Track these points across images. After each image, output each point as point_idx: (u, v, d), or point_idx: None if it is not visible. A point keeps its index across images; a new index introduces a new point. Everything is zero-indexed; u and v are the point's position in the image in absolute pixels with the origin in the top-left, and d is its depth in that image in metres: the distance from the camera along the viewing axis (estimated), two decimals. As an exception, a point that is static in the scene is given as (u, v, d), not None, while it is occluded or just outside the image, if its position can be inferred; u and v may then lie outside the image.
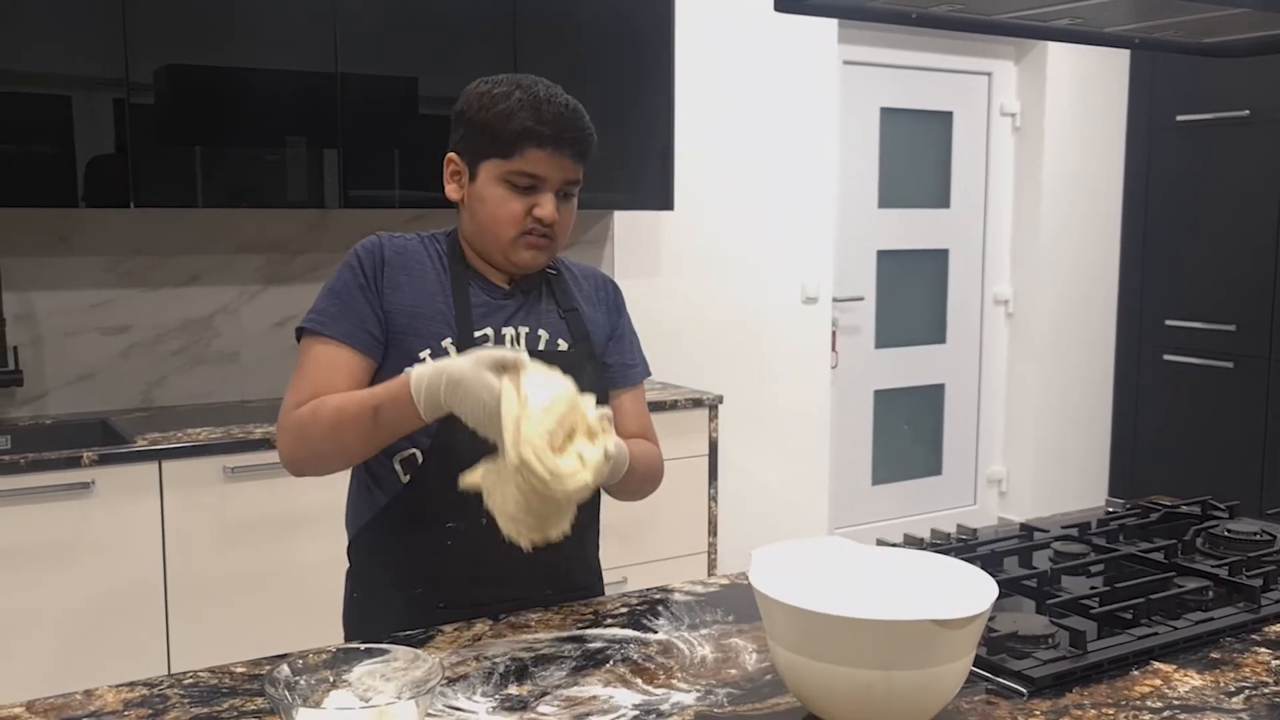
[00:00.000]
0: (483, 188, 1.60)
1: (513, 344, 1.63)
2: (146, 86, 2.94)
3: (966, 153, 5.04)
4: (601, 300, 1.76)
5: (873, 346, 4.88)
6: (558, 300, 1.70)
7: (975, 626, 1.19)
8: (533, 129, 1.55)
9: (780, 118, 4.34)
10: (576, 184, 1.62)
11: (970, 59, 4.96)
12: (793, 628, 1.21)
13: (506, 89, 1.58)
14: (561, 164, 1.58)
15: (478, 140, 1.59)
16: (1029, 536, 1.87)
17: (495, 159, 1.57)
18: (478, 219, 1.62)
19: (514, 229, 1.59)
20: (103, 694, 1.29)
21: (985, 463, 5.30)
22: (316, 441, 1.53)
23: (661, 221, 4.04)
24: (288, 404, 1.57)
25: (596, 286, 1.78)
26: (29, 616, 2.66)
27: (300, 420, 1.53)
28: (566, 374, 1.44)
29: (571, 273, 1.76)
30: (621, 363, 1.76)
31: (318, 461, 1.57)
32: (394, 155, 3.30)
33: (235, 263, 3.43)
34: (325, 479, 2.86)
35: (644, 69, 3.66)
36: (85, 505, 2.71)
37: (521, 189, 1.58)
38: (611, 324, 1.76)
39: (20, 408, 3.16)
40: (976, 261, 5.14)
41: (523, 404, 1.33)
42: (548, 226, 1.59)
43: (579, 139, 1.58)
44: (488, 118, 1.57)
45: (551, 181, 1.58)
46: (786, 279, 4.41)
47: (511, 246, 1.60)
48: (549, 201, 1.58)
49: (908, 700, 1.18)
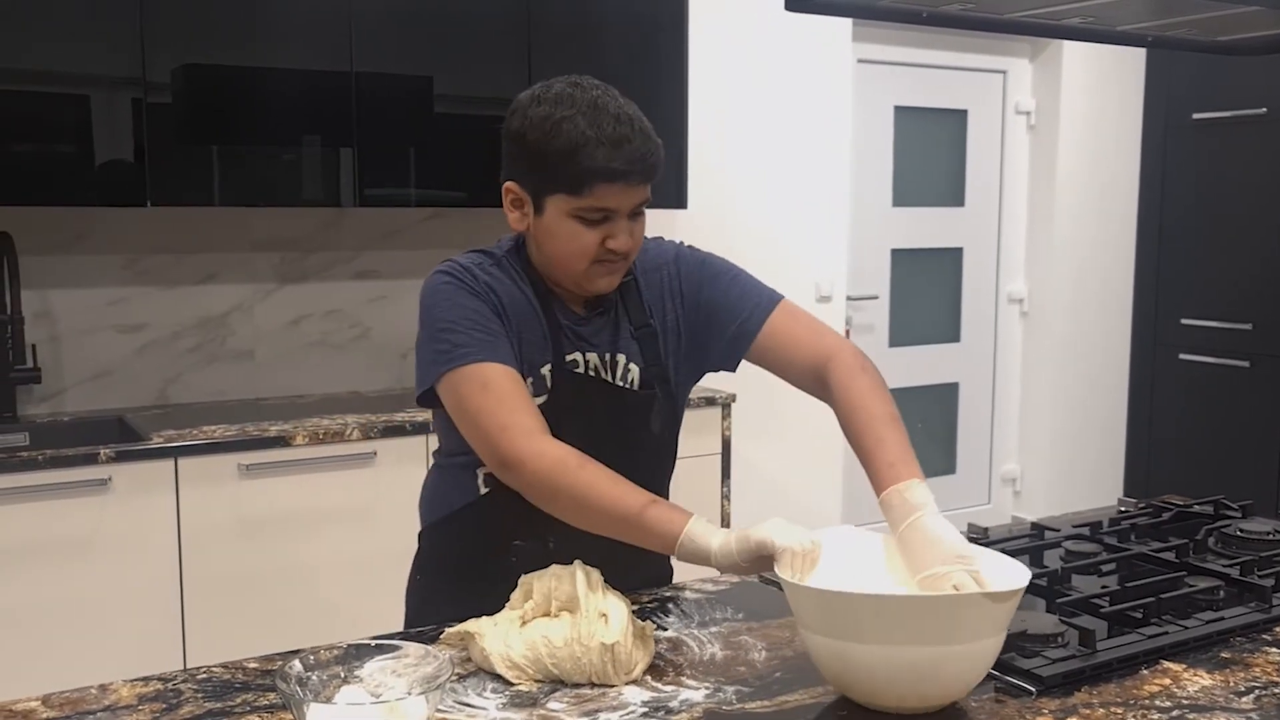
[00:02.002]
0: (552, 223, 1.53)
1: (596, 371, 1.62)
2: (163, 86, 2.96)
3: (981, 151, 5.03)
4: (672, 295, 1.69)
5: (887, 345, 4.87)
6: (631, 317, 1.66)
7: (1016, 601, 1.25)
8: (604, 167, 1.46)
9: (794, 116, 4.33)
10: (645, 201, 1.55)
11: (985, 57, 4.95)
12: (837, 614, 1.24)
13: (567, 111, 1.48)
14: (632, 192, 1.51)
15: (542, 173, 1.51)
16: (1040, 535, 1.87)
17: (563, 195, 1.50)
18: (547, 252, 1.57)
19: (587, 261, 1.54)
20: (117, 688, 1.30)
21: (999, 462, 5.29)
22: (564, 502, 1.48)
23: (675, 220, 4.04)
24: (516, 426, 1.49)
25: (669, 278, 1.69)
26: (46, 612, 2.68)
27: (555, 477, 1.47)
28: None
29: (645, 275, 1.68)
30: (746, 310, 1.66)
31: (557, 513, 1.51)
32: (409, 154, 3.31)
33: (250, 261, 3.45)
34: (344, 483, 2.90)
35: (657, 67, 3.66)
36: (102, 502, 2.73)
37: (594, 221, 1.51)
38: (695, 305, 1.68)
39: (38, 405, 3.18)
40: (991, 260, 5.13)
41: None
42: (623, 253, 1.55)
43: (649, 165, 1.50)
44: (551, 151, 1.48)
45: (623, 210, 1.52)
46: (800, 277, 4.41)
47: (585, 276, 1.56)
48: (622, 231, 1.53)
49: (956, 675, 1.25)
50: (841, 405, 1.58)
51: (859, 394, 1.57)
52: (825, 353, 1.63)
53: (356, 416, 3.09)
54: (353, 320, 3.61)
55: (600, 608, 1.36)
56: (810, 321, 1.70)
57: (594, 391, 1.62)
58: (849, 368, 1.61)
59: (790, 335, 1.66)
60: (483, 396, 1.51)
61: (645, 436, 1.66)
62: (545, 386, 1.59)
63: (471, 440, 1.55)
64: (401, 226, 3.62)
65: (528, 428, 1.50)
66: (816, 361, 1.63)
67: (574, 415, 1.59)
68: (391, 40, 3.23)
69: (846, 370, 1.60)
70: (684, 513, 1.43)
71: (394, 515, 2.72)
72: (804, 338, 1.66)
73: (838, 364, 1.61)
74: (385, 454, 3.03)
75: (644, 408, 1.65)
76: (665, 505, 1.45)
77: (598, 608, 1.36)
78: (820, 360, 1.63)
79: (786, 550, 1.33)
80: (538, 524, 1.52)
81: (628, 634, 1.34)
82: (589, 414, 1.60)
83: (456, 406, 1.55)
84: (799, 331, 1.67)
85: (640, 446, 1.66)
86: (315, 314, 3.57)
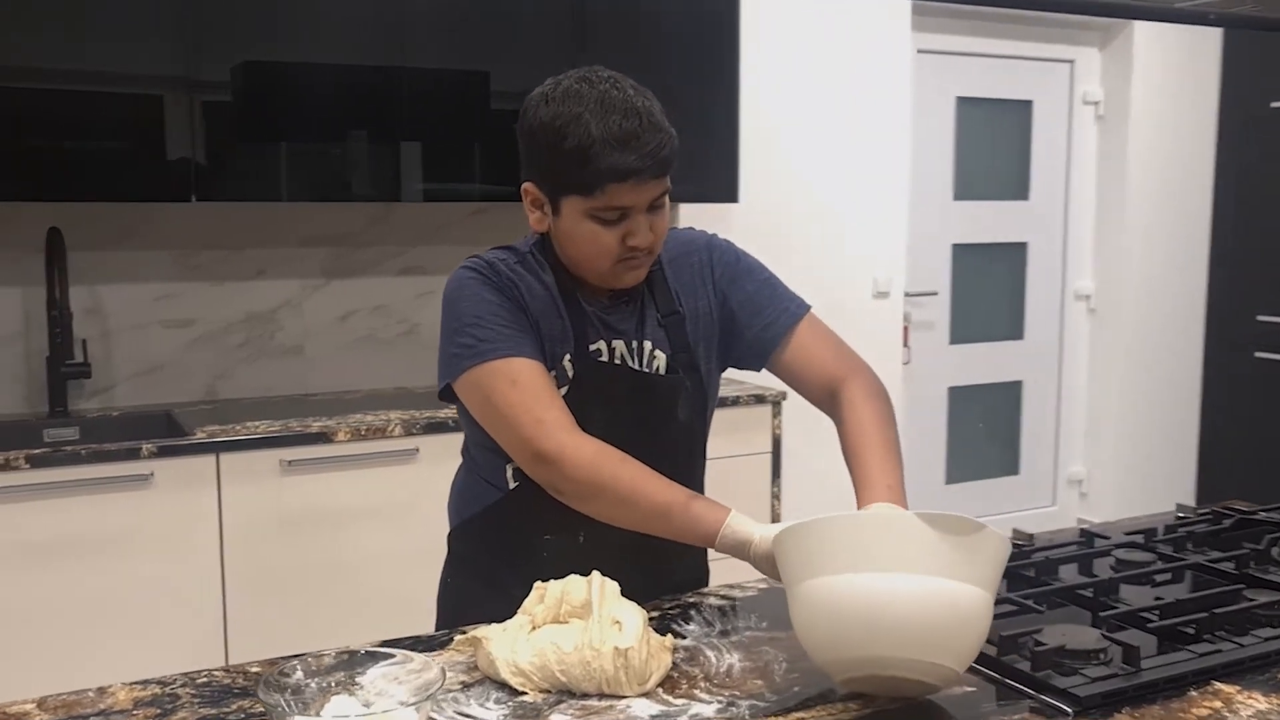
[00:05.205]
0: (569, 224, 1.51)
1: (623, 359, 1.59)
2: (215, 83, 2.96)
3: (1047, 143, 4.88)
4: (704, 280, 1.66)
5: (947, 342, 4.75)
6: (658, 305, 1.63)
7: (972, 545, 1.22)
8: (612, 167, 1.43)
9: (851, 108, 4.24)
10: (665, 193, 1.51)
11: (1051, 46, 4.80)
12: (781, 554, 1.27)
13: (574, 109, 1.44)
14: (647, 188, 1.47)
15: (554, 176, 1.49)
16: (1089, 543, 1.78)
17: (577, 196, 1.47)
18: (570, 253, 1.55)
19: (610, 260, 1.51)
20: (115, 691, 1.27)
21: (1065, 463, 5.13)
22: (607, 498, 1.46)
23: (728, 214, 3.96)
24: (552, 421, 1.47)
25: (700, 264, 1.66)
26: (89, 607, 2.69)
27: (597, 471, 1.45)
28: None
29: (671, 263, 1.65)
30: (771, 315, 1.64)
31: (594, 509, 1.49)
32: (459, 149, 3.29)
33: (299, 256, 3.45)
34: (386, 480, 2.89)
35: (709, 58, 3.59)
36: (144, 497, 2.74)
37: (611, 221, 1.48)
38: (724, 296, 1.65)
39: (89, 399, 3.21)
40: (1057, 255, 4.98)
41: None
42: (645, 249, 1.52)
43: (661, 159, 1.46)
44: (561, 154, 1.45)
45: (640, 206, 1.48)
46: (857, 273, 4.32)
47: (611, 274, 1.54)
48: (641, 227, 1.49)
49: (906, 621, 1.18)
50: (846, 425, 1.59)
51: (866, 417, 1.57)
52: (843, 372, 1.63)
53: (400, 413, 3.07)
54: (400, 316, 3.59)
55: (614, 614, 1.31)
56: (834, 339, 1.68)
57: (617, 379, 1.59)
58: (864, 391, 1.61)
59: (811, 348, 1.65)
60: (513, 392, 1.49)
61: (672, 425, 1.63)
62: (567, 377, 1.57)
63: (500, 436, 1.53)
64: (449, 222, 3.59)
65: (563, 423, 1.48)
66: (833, 379, 1.63)
67: (598, 405, 1.56)
68: (442, 35, 3.20)
69: (861, 393, 1.60)
70: (724, 507, 1.44)
71: (436, 512, 2.65)
72: (825, 353, 1.65)
73: (852, 385, 1.61)
74: (428, 450, 3.00)
75: (670, 394, 1.61)
76: (706, 499, 1.48)
77: (611, 614, 1.31)
78: (838, 379, 1.62)
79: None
80: (569, 518, 1.50)
81: (643, 641, 1.29)
82: (613, 403, 1.58)
83: (483, 402, 1.52)
84: (821, 346, 1.66)
85: (667, 435, 1.62)
86: (363, 310, 3.56)
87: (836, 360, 1.65)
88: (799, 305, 1.67)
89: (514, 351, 1.50)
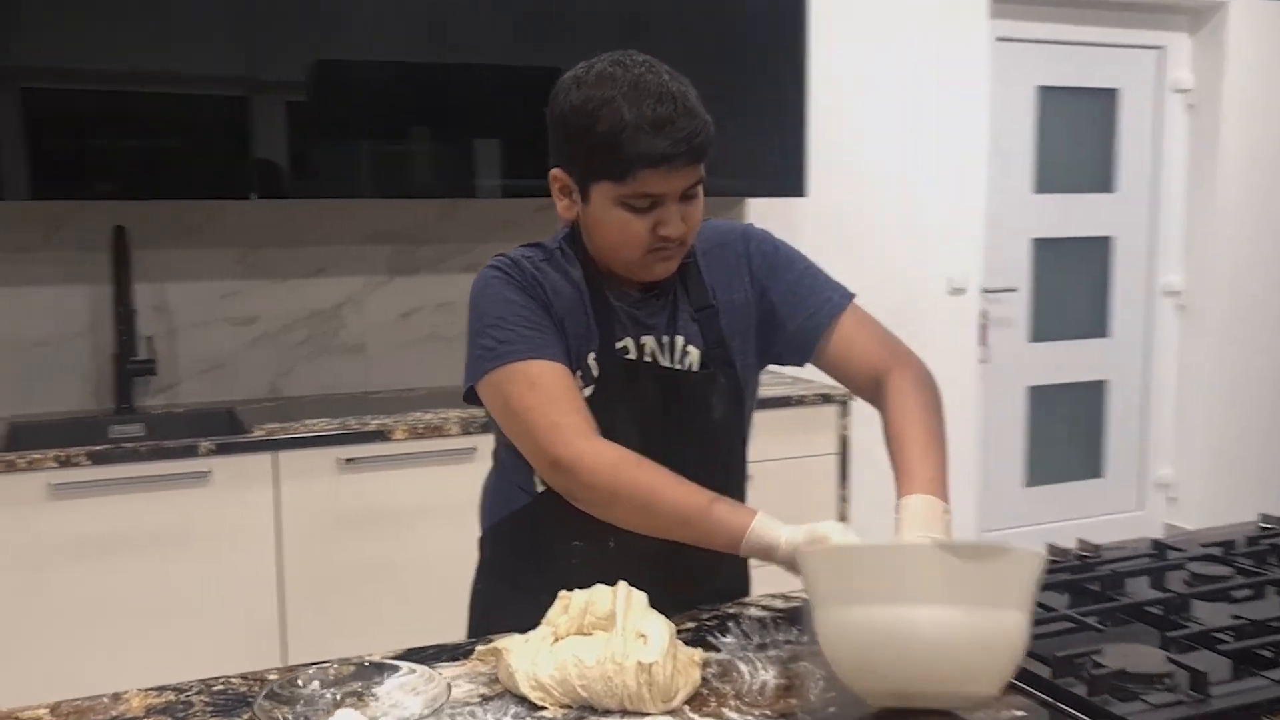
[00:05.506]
0: (599, 211, 1.45)
1: (652, 355, 1.54)
2: (280, 83, 2.97)
3: (1133, 133, 4.68)
4: (741, 272, 1.59)
5: (1027, 340, 4.59)
6: (691, 298, 1.57)
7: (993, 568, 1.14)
8: (644, 152, 1.37)
9: (925, 99, 4.11)
10: (699, 182, 1.45)
11: (1139, 32, 4.61)
12: (805, 573, 1.22)
13: (607, 93, 1.39)
14: (679, 175, 1.41)
15: (584, 161, 1.44)
16: (1161, 555, 1.67)
17: (607, 182, 1.42)
18: (598, 242, 1.50)
19: (640, 250, 1.46)
20: (129, 698, 1.24)
21: (1153, 466, 4.93)
22: (625, 504, 1.40)
23: (796, 209, 3.87)
24: (569, 426, 1.41)
25: (737, 256, 1.60)
26: (147, 603, 2.71)
27: (614, 476, 1.39)
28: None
29: (706, 255, 1.59)
30: (814, 305, 1.57)
31: (613, 516, 1.44)
32: (525, 144, 3.24)
33: (362, 254, 3.44)
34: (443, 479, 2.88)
35: (776, 48, 3.50)
36: (203, 494, 2.74)
37: (642, 209, 1.43)
38: (764, 288, 1.59)
39: (155, 396, 3.23)
40: (1144, 250, 4.78)
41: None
42: (676, 239, 1.46)
43: (695, 146, 1.40)
44: (592, 138, 1.40)
45: (672, 195, 1.43)
46: (931, 269, 4.19)
47: (641, 264, 1.48)
48: (673, 216, 1.43)
49: (924, 650, 1.14)
50: (889, 414, 1.50)
51: (910, 407, 1.49)
52: (889, 362, 1.55)
53: (458, 411, 3.04)
54: (463, 313, 3.54)
55: (639, 627, 1.24)
56: (879, 328, 1.60)
57: (645, 377, 1.53)
58: (910, 381, 1.53)
59: (855, 338, 1.57)
60: (531, 394, 1.44)
61: (706, 423, 1.56)
62: (592, 376, 1.51)
63: (518, 441, 1.48)
64: (514, 218, 3.56)
65: (580, 428, 1.42)
66: (879, 370, 1.55)
67: (625, 403, 1.51)
68: (511, 30, 3.17)
69: (907, 382, 1.52)
70: (750, 509, 1.38)
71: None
72: (870, 343, 1.57)
73: (898, 375, 1.53)
74: (485, 449, 2.91)
75: (703, 391, 1.55)
76: (730, 502, 1.40)
77: (636, 627, 1.24)
78: (883, 369, 1.54)
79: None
80: (597, 523, 1.44)
81: (668, 655, 1.22)
82: (641, 401, 1.52)
83: (502, 406, 1.47)
84: (866, 335, 1.58)
85: (701, 433, 1.56)
86: (426, 307, 3.54)
87: (882, 349, 1.57)
88: (842, 294, 1.60)
89: (534, 353, 1.45)
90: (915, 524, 1.33)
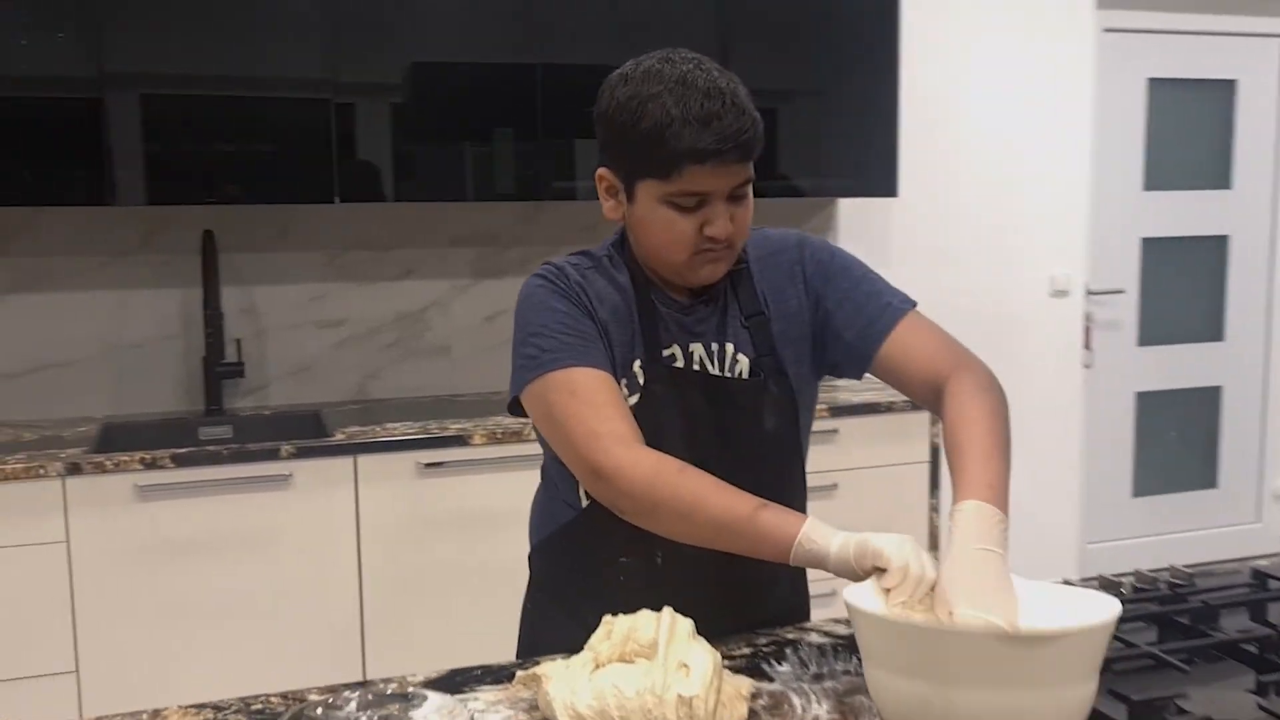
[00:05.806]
0: (644, 210, 1.42)
1: (701, 363, 1.49)
2: (366, 85, 2.98)
3: (1252, 127, 4.45)
4: (795, 279, 1.54)
5: (1135, 344, 4.40)
6: (741, 305, 1.52)
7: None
8: (690, 147, 1.33)
9: (1026, 93, 3.96)
10: (748, 183, 1.41)
11: (1258, 20, 4.38)
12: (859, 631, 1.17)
13: (654, 89, 1.36)
14: (727, 173, 1.37)
15: (629, 158, 1.41)
16: (1262, 585, 1.55)
17: (652, 179, 1.38)
18: (644, 243, 1.46)
19: (687, 251, 1.42)
20: (168, 716, 1.23)
21: (1272, 475, 4.69)
22: (667, 512, 1.34)
23: (890, 209, 3.77)
24: (610, 434, 1.36)
25: (790, 263, 1.54)
26: (228, 606, 2.74)
27: (655, 485, 1.33)
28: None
29: (759, 261, 1.54)
30: (873, 313, 1.50)
31: (656, 525, 1.39)
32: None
33: (447, 256, 3.45)
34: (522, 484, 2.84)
35: (866, 44, 3.40)
36: (284, 497, 2.77)
37: (688, 208, 1.39)
38: (819, 296, 1.53)
39: (244, 398, 3.28)
40: (1263, 249, 4.54)
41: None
42: (723, 241, 1.42)
43: (743, 143, 1.35)
44: (638, 134, 1.36)
45: (719, 193, 1.39)
46: (1032, 270, 4.04)
47: (687, 266, 1.44)
48: (720, 216, 1.39)
49: None
50: (949, 419, 1.41)
51: (972, 411, 1.39)
52: (950, 367, 1.46)
53: (538, 416, 3.01)
54: (547, 316, 3.54)
55: (681, 657, 1.19)
56: (941, 333, 1.51)
57: (692, 385, 1.48)
58: (973, 384, 1.43)
59: (915, 343, 1.48)
60: (572, 403, 1.39)
61: (757, 433, 1.50)
62: (638, 384, 1.46)
63: (560, 451, 1.44)
64: (596, 220, 3.51)
65: (620, 435, 1.36)
66: (939, 375, 1.45)
67: (672, 412, 1.46)
68: (595, 31, 3.14)
69: (970, 386, 1.42)
70: (799, 515, 1.29)
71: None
72: (930, 347, 1.48)
73: (960, 379, 1.44)
74: (565, 455, 2.93)
75: (753, 400, 1.49)
76: (778, 508, 1.31)
77: (678, 657, 1.19)
78: (944, 374, 1.45)
79: (896, 570, 1.17)
80: (643, 538, 1.39)
81: (711, 688, 1.16)
82: (689, 411, 1.47)
83: (545, 415, 1.43)
84: (925, 340, 1.49)
85: (752, 443, 1.50)
86: (510, 310, 3.47)
87: (942, 354, 1.48)
88: (903, 300, 1.52)
89: (576, 361, 1.41)
90: (969, 534, 1.24)
